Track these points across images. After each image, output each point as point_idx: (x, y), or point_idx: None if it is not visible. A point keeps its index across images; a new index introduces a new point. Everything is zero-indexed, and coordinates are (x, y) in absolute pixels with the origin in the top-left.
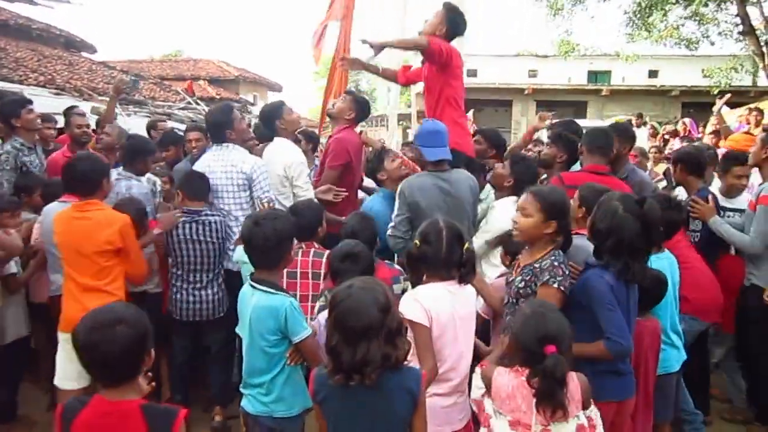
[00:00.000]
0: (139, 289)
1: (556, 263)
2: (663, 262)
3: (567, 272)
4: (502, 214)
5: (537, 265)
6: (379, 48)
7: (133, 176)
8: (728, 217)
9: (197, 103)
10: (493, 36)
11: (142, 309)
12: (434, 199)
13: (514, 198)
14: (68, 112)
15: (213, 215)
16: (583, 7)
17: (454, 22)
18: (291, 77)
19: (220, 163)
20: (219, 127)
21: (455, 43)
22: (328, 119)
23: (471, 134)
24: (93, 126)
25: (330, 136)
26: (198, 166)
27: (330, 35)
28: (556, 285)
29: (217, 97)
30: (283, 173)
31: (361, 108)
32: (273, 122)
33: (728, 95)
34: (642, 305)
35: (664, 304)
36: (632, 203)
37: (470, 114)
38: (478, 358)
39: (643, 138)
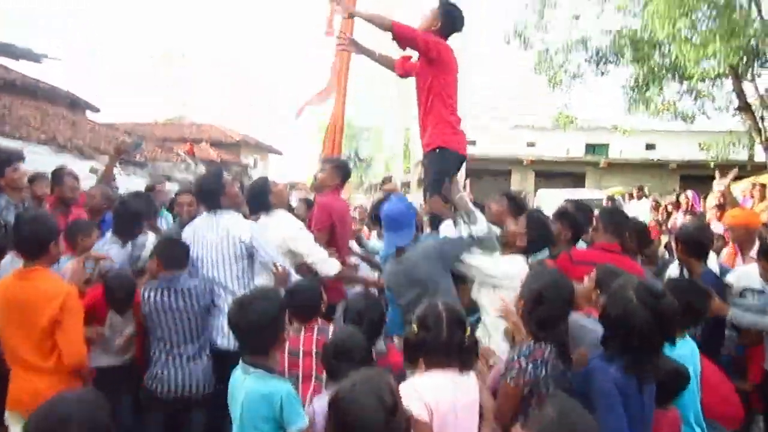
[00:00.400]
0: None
1: (517, 356)
2: (684, 350)
3: (526, 366)
4: (510, 268)
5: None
6: (346, 11)
7: (117, 241)
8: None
9: (197, 166)
10: (491, 107)
11: (112, 385)
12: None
13: (521, 258)
14: (58, 173)
15: (191, 281)
16: (582, 81)
17: (448, 17)
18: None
19: (213, 232)
20: (210, 194)
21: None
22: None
23: (462, 133)
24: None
25: (314, 202)
26: (188, 234)
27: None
28: (507, 380)
29: (219, 159)
30: (285, 246)
31: (343, 172)
32: (264, 197)
33: (735, 170)
34: (660, 398)
35: (688, 393)
36: (648, 294)
37: (467, 183)
38: None
39: (644, 211)
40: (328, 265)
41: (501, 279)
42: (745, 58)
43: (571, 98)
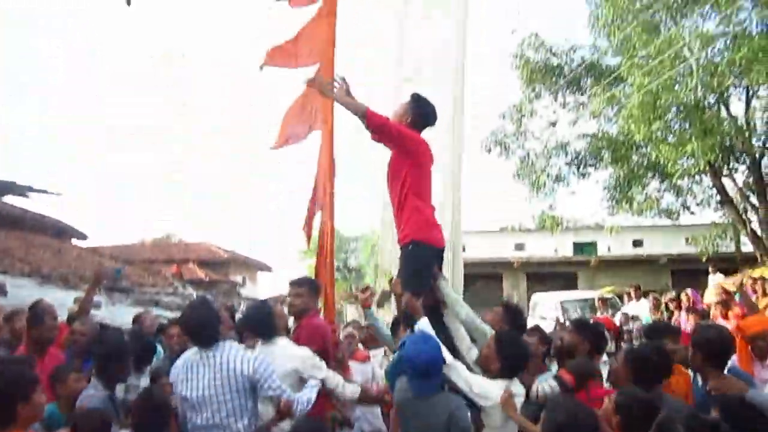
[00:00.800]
0: None
1: None
2: None
3: None
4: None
5: None
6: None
7: (99, 386)
8: None
9: (185, 287)
10: (477, 212)
11: None
12: None
13: (501, 383)
14: (36, 311)
15: None
16: (564, 183)
17: (419, 111)
18: (279, 257)
19: (208, 368)
20: (204, 329)
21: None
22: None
23: (438, 225)
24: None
25: (297, 326)
26: (178, 370)
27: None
28: None
29: (207, 279)
30: (294, 377)
31: (316, 292)
32: (268, 323)
33: (744, 279)
34: None
35: None
36: (701, 426)
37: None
38: None
39: (644, 310)
40: (349, 389)
41: (478, 400)
42: (720, 155)
43: (555, 200)
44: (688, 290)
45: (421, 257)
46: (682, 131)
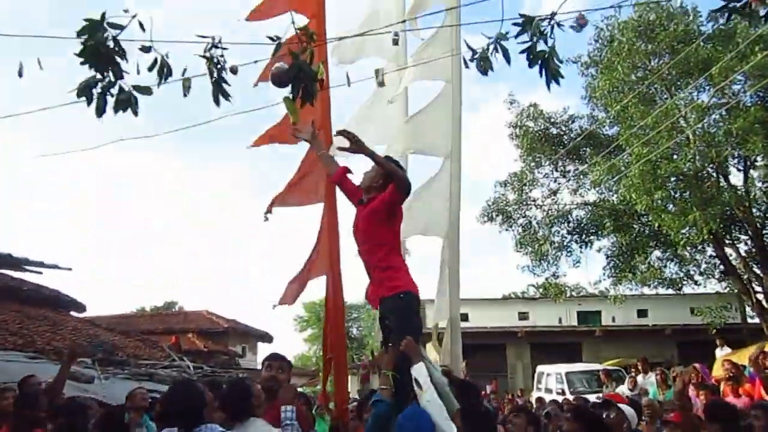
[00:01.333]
0: None
1: None
2: None
3: None
4: None
5: None
6: (353, 149)
7: None
8: None
9: (182, 359)
10: (480, 281)
11: None
12: None
13: None
14: (29, 391)
15: None
16: (567, 252)
17: (403, 177)
18: (277, 325)
19: None
20: (183, 414)
21: None
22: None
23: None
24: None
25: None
26: None
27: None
28: None
29: (205, 350)
30: None
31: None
32: (246, 402)
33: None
34: None
35: None
36: None
37: (464, 363)
38: None
39: (651, 384)
40: None
41: None
42: (722, 225)
43: (559, 269)
44: (696, 365)
45: (415, 305)
46: (683, 201)
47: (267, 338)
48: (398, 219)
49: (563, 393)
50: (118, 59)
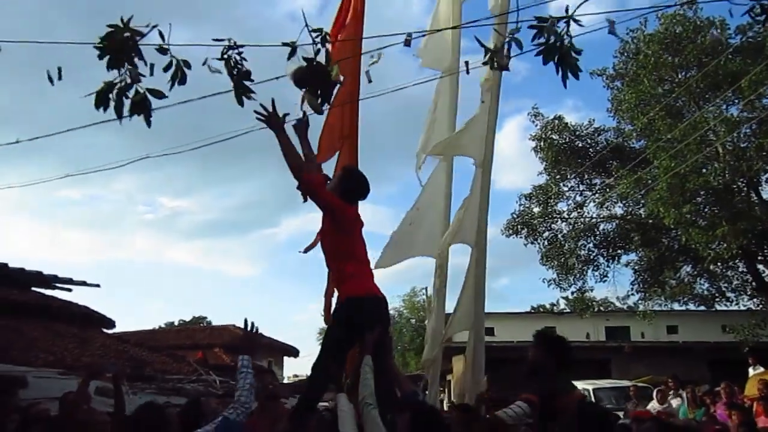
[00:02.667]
0: None
1: None
2: None
3: None
4: None
5: None
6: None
7: None
8: None
9: (209, 374)
10: (506, 294)
11: None
12: None
13: None
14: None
15: None
16: (594, 267)
17: (347, 187)
18: (301, 338)
19: None
20: None
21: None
22: None
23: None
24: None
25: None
26: None
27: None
28: None
29: (232, 364)
30: None
31: None
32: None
33: None
34: None
35: None
36: None
37: (486, 376)
38: None
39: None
40: None
41: None
42: (753, 240)
43: (585, 283)
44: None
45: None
46: (712, 215)
47: (293, 352)
48: (346, 228)
49: None
50: (135, 59)
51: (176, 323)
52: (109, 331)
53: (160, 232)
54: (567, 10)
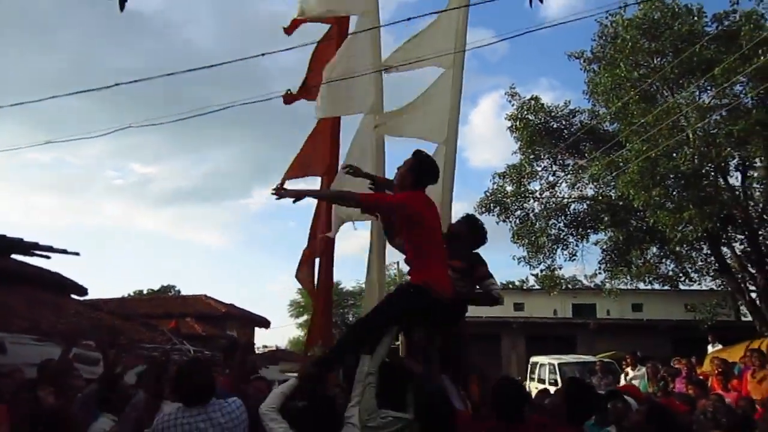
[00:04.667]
0: None
1: None
2: None
3: None
4: None
5: None
6: (295, 196)
7: None
8: None
9: (183, 343)
10: None
11: None
12: None
13: None
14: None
15: None
16: (563, 246)
17: (420, 171)
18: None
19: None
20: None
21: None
22: None
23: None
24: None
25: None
26: None
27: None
28: None
29: (203, 334)
30: None
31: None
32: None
33: None
34: None
35: None
36: None
37: None
38: None
39: (640, 379)
40: None
41: None
42: (718, 224)
43: (554, 261)
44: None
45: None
46: (681, 199)
47: (264, 323)
48: (419, 221)
49: (556, 383)
50: None
51: (145, 292)
52: (81, 298)
53: (129, 199)
54: None
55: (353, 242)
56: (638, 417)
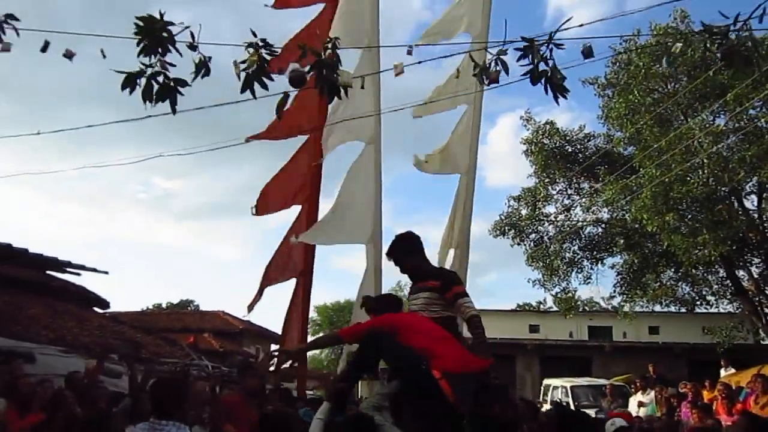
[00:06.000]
0: None
1: None
2: None
3: None
4: None
5: None
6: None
7: None
8: None
9: (201, 359)
10: (493, 290)
11: None
12: None
13: None
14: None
15: None
16: (578, 269)
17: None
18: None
19: None
20: (165, 401)
21: None
22: None
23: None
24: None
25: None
26: None
27: None
28: None
29: (220, 350)
30: None
31: None
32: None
33: None
34: None
35: None
36: None
37: None
38: None
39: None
40: None
41: None
42: (734, 247)
43: (569, 284)
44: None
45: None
46: (695, 223)
47: (280, 340)
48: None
49: (569, 406)
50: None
51: (164, 305)
52: (103, 311)
53: (151, 212)
54: (551, 36)
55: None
56: None
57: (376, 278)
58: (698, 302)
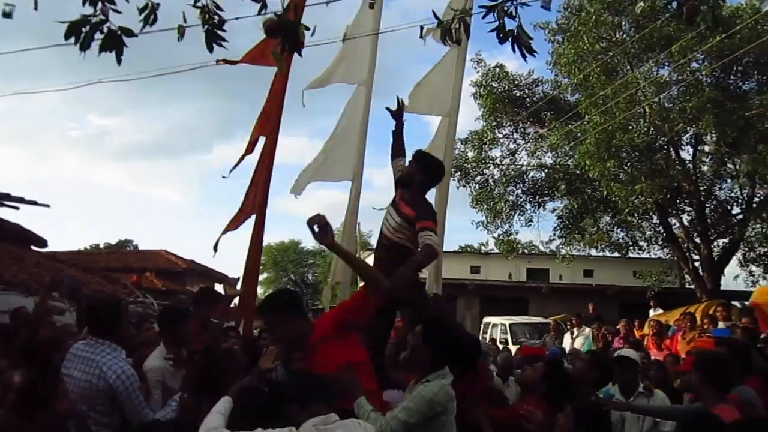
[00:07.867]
0: None
1: None
2: None
3: None
4: None
5: None
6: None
7: None
8: None
9: (146, 297)
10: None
11: None
12: None
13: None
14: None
15: None
16: (520, 212)
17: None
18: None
19: (81, 364)
20: (100, 319)
21: None
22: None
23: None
24: None
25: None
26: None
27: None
28: None
29: (163, 289)
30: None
31: None
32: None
33: None
34: None
35: None
36: None
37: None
38: None
39: (585, 338)
40: None
41: None
42: (668, 196)
43: (511, 227)
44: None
45: None
46: (634, 170)
47: (227, 280)
48: None
49: (506, 343)
50: None
51: (101, 246)
52: (41, 250)
53: (86, 151)
54: None
55: (314, 203)
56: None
57: (353, 219)
58: (631, 247)
